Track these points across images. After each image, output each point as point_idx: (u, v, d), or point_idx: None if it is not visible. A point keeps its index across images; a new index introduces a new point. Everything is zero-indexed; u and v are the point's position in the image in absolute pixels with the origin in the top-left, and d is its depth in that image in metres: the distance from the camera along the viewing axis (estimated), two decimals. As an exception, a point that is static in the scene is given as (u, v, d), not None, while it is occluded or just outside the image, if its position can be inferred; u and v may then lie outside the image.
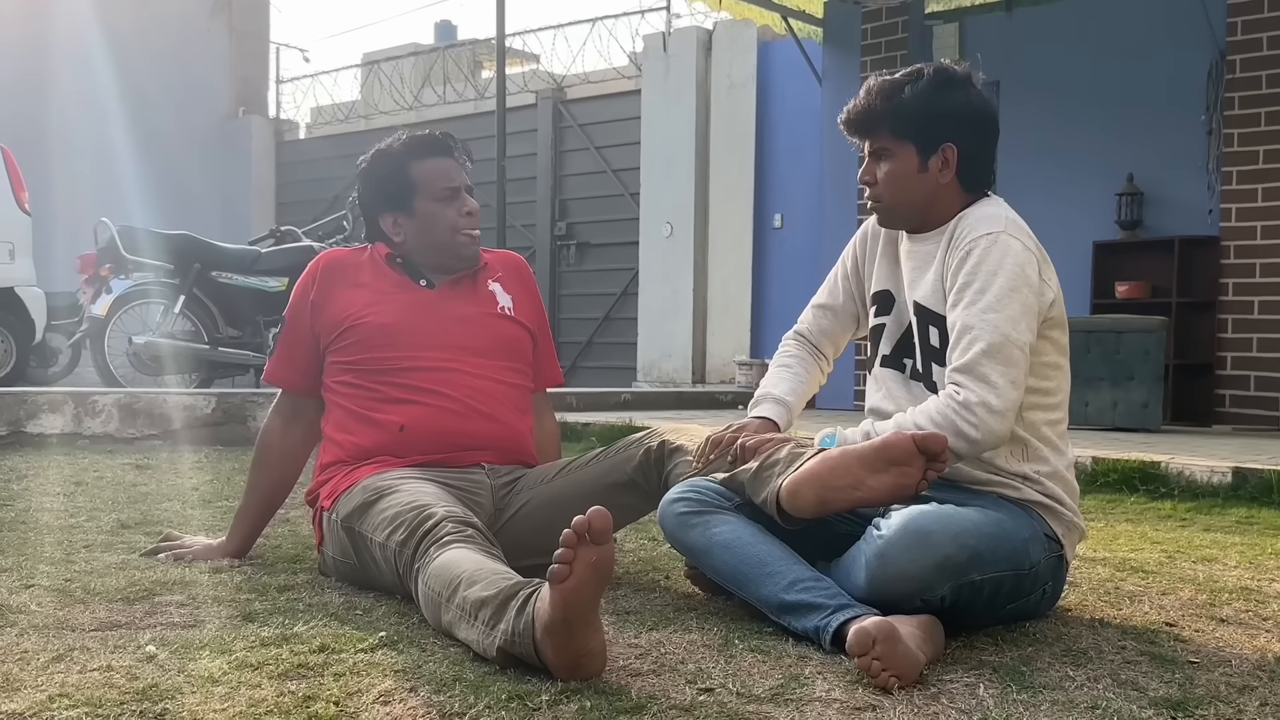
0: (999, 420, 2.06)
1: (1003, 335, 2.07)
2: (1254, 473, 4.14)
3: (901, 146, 2.25)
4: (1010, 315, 2.09)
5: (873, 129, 2.27)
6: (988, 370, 2.06)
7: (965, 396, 2.06)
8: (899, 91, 2.24)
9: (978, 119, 2.26)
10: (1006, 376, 2.06)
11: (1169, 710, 1.66)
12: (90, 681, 1.68)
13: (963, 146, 2.24)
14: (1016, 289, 2.11)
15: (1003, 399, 2.05)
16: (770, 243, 10.30)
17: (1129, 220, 7.83)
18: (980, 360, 2.07)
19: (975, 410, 2.05)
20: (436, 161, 2.68)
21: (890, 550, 1.96)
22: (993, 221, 2.18)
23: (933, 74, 2.25)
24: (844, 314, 2.52)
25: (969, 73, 2.28)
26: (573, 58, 14.43)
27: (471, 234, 2.69)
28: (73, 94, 13.38)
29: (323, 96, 15.96)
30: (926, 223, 2.28)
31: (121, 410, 5.61)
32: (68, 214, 11.57)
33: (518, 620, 1.74)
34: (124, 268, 7.52)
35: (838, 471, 2.02)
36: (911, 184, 2.25)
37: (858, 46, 9.03)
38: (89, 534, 3.00)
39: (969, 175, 2.26)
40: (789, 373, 2.51)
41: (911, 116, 2.23)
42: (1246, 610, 2.36)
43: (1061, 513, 2.18)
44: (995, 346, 2.07)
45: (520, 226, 11.98)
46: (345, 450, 2.57)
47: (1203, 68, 7.52)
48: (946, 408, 2.08)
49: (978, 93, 2.27)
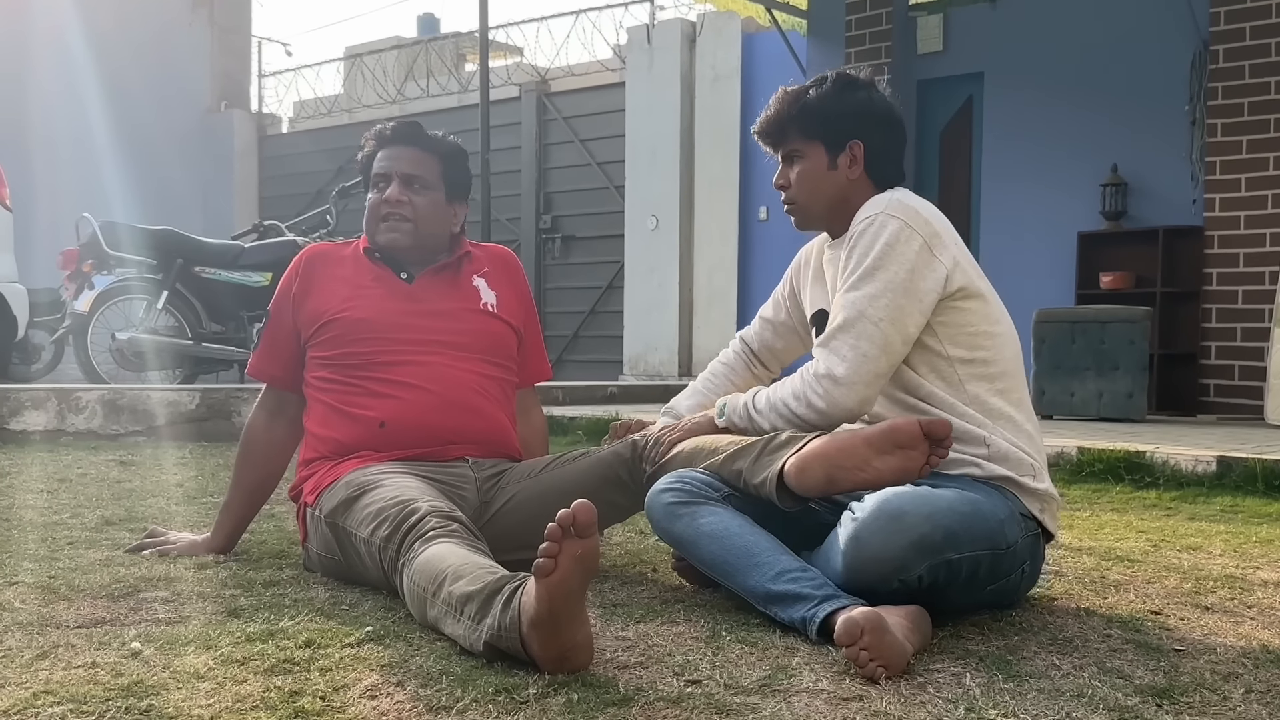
0: (844, 391, 2.16)
1: (858, 311, 2.17)
2: (1238, 461, 4.16)
3: (810, 146, 2.36)
4: (869, 293, 2.17)
5: (783, 134, 2.39)
6: (839, 344, 2.18)
7: (815, 369, 2.20)
8: (804, 95, 2.38)
9: (881, 117, 2.38)
10: (856, 349, 2.16)
11: (1154, 697, 1.66)
12: (75, 678, 1.67)
13: (868, 142, 2.34)
14: (881, 266, 2.18)
15: (849, 369, 2.16)
16: (756, 235, 10.31)
17: (1113, 211, 7.86)
18: (833, 335, 2.19)
19: (821, 381, 2.18)
20: (390, 149, 2.71)
21: (864, 532, 1.98)
22: (875, 204, 2.27)
23: (835, 77, 2.40)
24: (786, 330, 2.63)
25: (871, 77, 2.42)
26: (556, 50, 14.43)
27: (394, 221, 2.66)
28: (54, 89, 13.31)
29: (305, 90, 15.94)
30: (840, 223, 2.35)
31: (105, 406, 5.59)
32: (49, 210, 11.50)
33: (504, 614, 1.74)
34: (106, 263, 7.48)
35: (845, 451, 2.04)
36: (822, 182, 2.36)
37: (842, 38, 9.04)
38: (73, 531, 2.99)
39: (877, 171, 2.36)
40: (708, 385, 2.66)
41: (817, 115, 2.35)
42: (1231, 598, 2.37)
43: (1034, 488, 2.18)
44: (849, 321, 2.18)
45: (505, 220, 11.96)
46: (327, 446, 2.56)
47: (1186, 58, 7.55)
48: (800, 379, 2.22)
49: (880, 94, 2.41)
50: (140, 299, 7.54)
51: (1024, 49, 8.31)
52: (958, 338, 2.21)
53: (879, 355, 2.15)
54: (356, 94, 14.24)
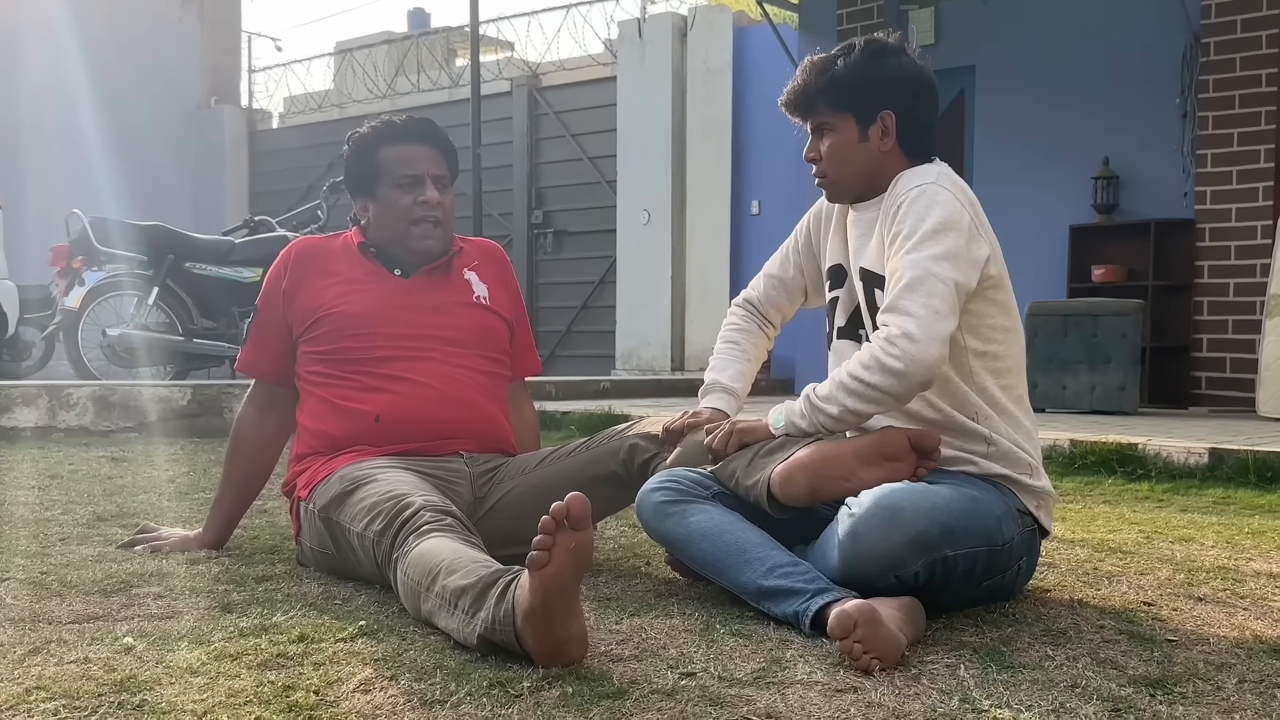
0: (921, 348, 2.02)
1: (924, 270, 2.07)
2: (1230, 453, 4.17)
3: (840, 118, 2.27)
4: (934, 253, 2.09)
5: (811, 106, 2.30)
6: (908, 303, 2.05)
7: (887, 332, 2.06)
8: (832, 65, 2.27)
9: (913, 83, 2.28)
10: (928, 306, 2.05)
11: (1148, 688, 1.67)
12: (68, 674, 1.67)
13: (900, 112, 2.25)
14: (941, 231, 2.10)
15: (923, 327, 2.03)
16: (748, 229, 10.30)
17: (1105, 204, 7.86)
18: (901, 295, 2.07)
19: (897, 342, 2.03)
20: (406, 147, 2.64)
21: (862, 528, 1.97)
22: (924, 175, 2.21)
23: (864, 44, 2.28)
24: (792, 286, 2.55)
25: (901, 41, 2.30)
26: (547, 45, 14.46)
27: (428, 226, 2.63)
28: (43, 85, 13.26)
29: (295, 86, 15.94)
30: (871, 191, 2.29)
31: (96, 403, 5.57)
32: (39, 206, 11.47)
33: (498, 608, 1.74)
34: (97, 259, 7.45)
35: (831, 461, 2.04)
36: (854, 155, 2.27)
37: (833, 32, 9.03)
38: (64, 527, 2.98)
39: (910, 141, 2.28)
40: (736, 352, 2.55)
41: (847, 87, 2.25)
42: (1224, 589, 2.37)
43: (1031, 485, 2.18)
44: (916, 280, 2.07)
45: (497, 215, 11.94)
46: (320, 441, 2.55)
47: (1177, 51, 7.55)
48: (873, 347, 2.07)
49: (910, 59, 2.29)
50: (131, 295, 7.52)
51: (1016, 42, 8.31)
52: (977, 329, 2.18)
53: (949, 314, 2.06)
54: (347, 89, 14.19)
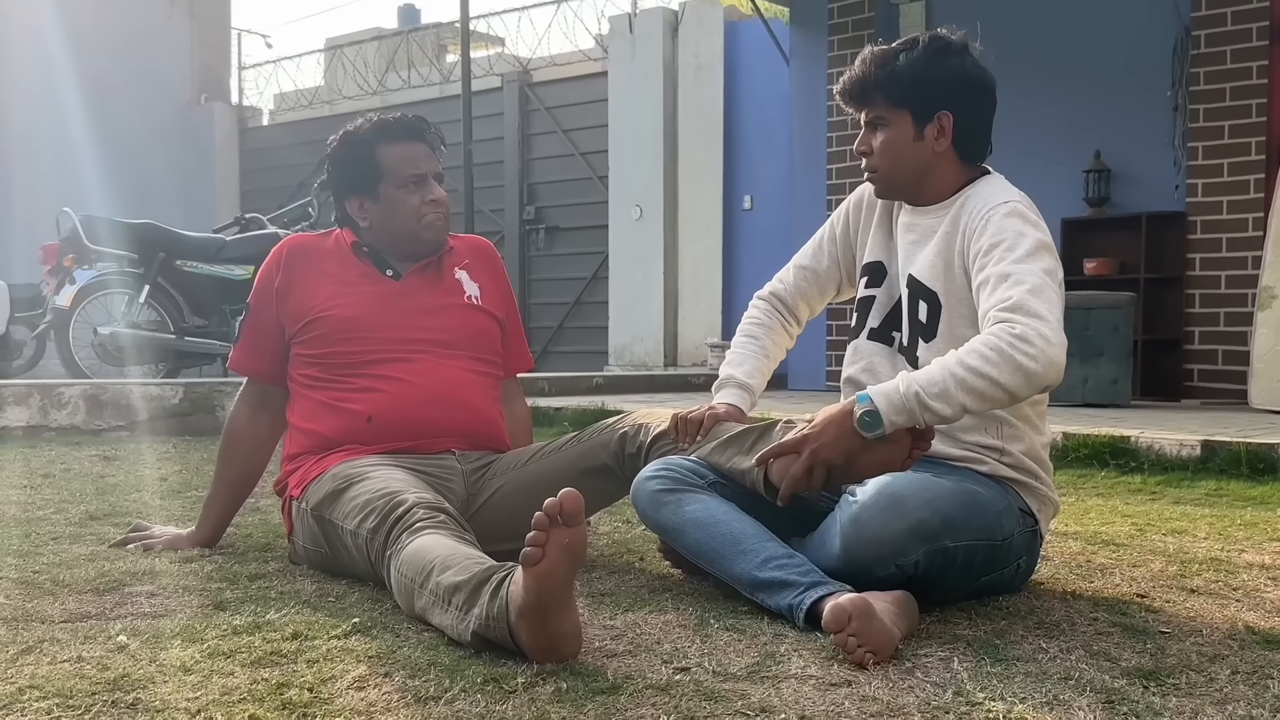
0: (1057, 351, 1.95)
1: (1041, 279, 2.02)
2: (1223, 445, 4.18)
3: (896, 115, 2.22)
4: (1044, 268, 2.04)
5: (868, 97, 2.24)
6: (1037, 306, 1.97)
7: (1021, 330, 1.94)
8: (893, 59, 2.22)
9: (974, 86, 2.23)
10: (1054, 314, 1.99)
11: (1141, 680, 1.67)
12: (61, 673, 1.66)
13: (959, 114, 2.21)
14: (1042, 250, 2.08)
15: (1056, 332, 1.96)
16: (740, 224, 10.29)
17: (1096, 197, 7.87)
18: (1027, 298, 1.98)
19: (1034, 341, 1.93)
20: (405, 146, 2.63)
21: (865, 514, 1.97)
22: (1008, 192, 2.18)
23: (928, 41, 2.23)
24: (825, 278, 2.50)
25: (965, 40, 2.25)
26: (538, 40, 14.35)
27: (436, 222, 2.64)
28: (31, 83, 13.20)
29: (286, 82, 15.86)
30: (923, 194, 2.25)
31: (88, 402, 5.56)
32: (29, 204, 11.44)
33: (492, 604, 1.73)
34: (87, 258, 7.43)
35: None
36: (907, 153, 2.23)
37: (825, 26, 9.02)
38: (56, 526, 2.97)
39: (965, 145, 2.24)
40: (754, 347, 2.50)
41: (906, 83, 2.20)
42: (1216, 580, 2.38)
43: (1036, 488, 2.19)
44: (1038, 287, 2.00)
45: (488, 211, 11.92)
46: (312, 440, 2.54)
47: (1168, 43, 7.56)
48: (1000, 342, 1.94)
49: (973, 60, 2.24)
50: (122, 293, 7.50)
51: (1006, 35, 8.31)
52: None
53: (1062, 321, 2.02)
54: (337, 86, 14.16)
